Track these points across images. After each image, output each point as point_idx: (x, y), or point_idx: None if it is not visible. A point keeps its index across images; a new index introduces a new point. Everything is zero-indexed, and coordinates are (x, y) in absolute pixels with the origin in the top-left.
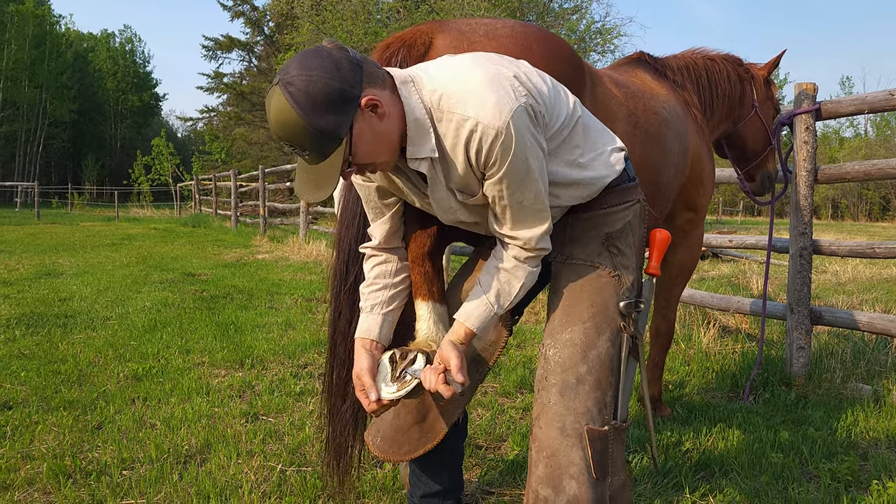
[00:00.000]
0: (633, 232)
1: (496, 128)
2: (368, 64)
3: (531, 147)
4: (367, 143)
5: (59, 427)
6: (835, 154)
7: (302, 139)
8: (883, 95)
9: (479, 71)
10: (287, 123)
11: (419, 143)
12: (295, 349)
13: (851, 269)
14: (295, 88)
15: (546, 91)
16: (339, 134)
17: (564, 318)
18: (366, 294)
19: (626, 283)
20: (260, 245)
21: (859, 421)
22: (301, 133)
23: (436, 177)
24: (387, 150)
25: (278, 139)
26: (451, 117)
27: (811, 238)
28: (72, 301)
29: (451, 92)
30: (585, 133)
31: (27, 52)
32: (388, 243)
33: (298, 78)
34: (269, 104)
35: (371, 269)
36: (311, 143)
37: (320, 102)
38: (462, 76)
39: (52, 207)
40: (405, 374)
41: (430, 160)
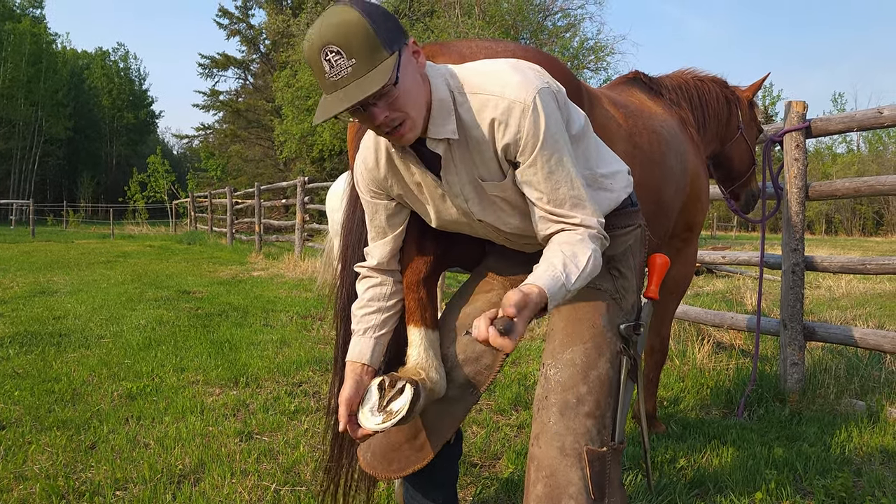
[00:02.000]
0: (634, 255)
1: (523, 101)
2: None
3: (560, 127)
4: (409, 80)
5: (53, 447)
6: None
7: (357, 40)
8: (872, 113)
9: (500, 61)
10: (345, 22)
11: (440, 123)
12: (290, 367)
13: (845, 283)
14: (360, 4)
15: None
16: (394, 45)
17: (565, 338)
18: (358, 316)
19: (626, 305)
20: (255, 262)
21: (853, 437)
22: (359, 32)
23: (451, 160)
24: (419, 103)
25: (326, 44)
26: (475, 98)
27: (803, 254)
28: (66, 319)
29: (473, 77)
30: (598, 148)
31: (23, 70)
32: (386, 265)
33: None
34: (329, 13)
35: (365, 290)
36: (365, 46)
37: (381, 17)
38: (483, 66)
39: (48, 225)
40: (392, 405)
41: (448, 142)
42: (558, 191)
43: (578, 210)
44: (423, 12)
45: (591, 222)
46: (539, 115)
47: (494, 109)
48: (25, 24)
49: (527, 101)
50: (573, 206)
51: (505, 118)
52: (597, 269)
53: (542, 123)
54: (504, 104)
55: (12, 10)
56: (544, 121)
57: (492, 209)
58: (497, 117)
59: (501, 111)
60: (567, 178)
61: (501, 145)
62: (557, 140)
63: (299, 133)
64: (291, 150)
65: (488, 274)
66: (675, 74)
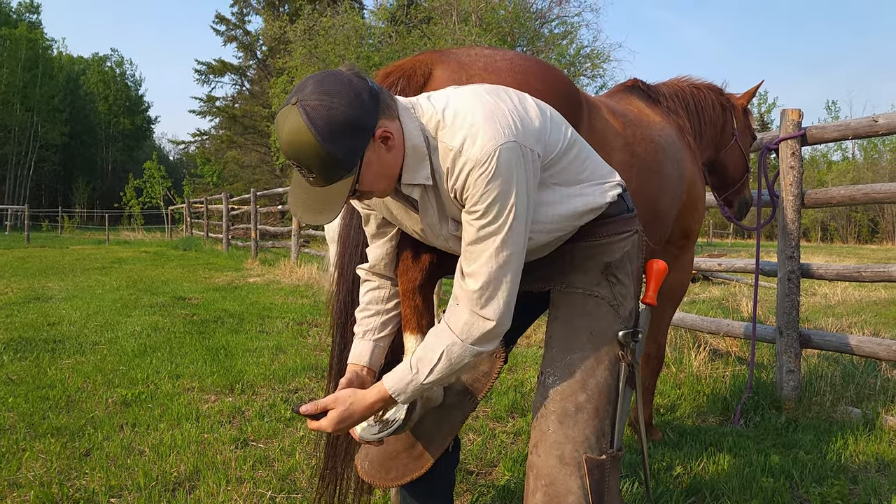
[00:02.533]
0: (632, 262)
1: (476, 160)
2: (384, 94)
3: (516, 186)
4: (373, 173)
5: (47, 454)
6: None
7: (312, 162)
8: (866, 122)
9: (478, 104)
10: (301, 144)
11: (414, 170)
12: (286, 374)
13: (841, 291)
14: (314, 111)
15: (540, 125)
16: (352, 162)
17: (563, 346)
18: (359, 319)
19: (624, 312)
20: (251, 268)
21: (849, 444)
22: (313, 156)
23: (428, 204)
24: (390, 179)
25: (287, 157)
26: (441, 146)
27: (799, 261)
28: (61, 325)
29: (447, 122)
30: (580, 162)
31: (19, 76)
32: (381, 269)
33: (318, 102)
34: (284, 124)
35: (365, 293)
36: (322, 167)
37: (338, 130)
38: (461, 108)
39: (43, 230)
40: (388, 415)
41: (423, 187)
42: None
43: (479, 293)
44: (420, 19)
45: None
46: (490, 173)
47: (453, 163)
48: (22, 30)
49: (481, 159)
50: (482, 272)
51: (458, 171)
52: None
53: (492, 183)
54: (462, 160)
55: (8, 16)
56: (496, 180)
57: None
58: (453, 170)
59: (459, 166)
60: (491, 254)
61: (457, 195)
62: (503, 209)
63: None
64: None
65: None
66: (671, 82)
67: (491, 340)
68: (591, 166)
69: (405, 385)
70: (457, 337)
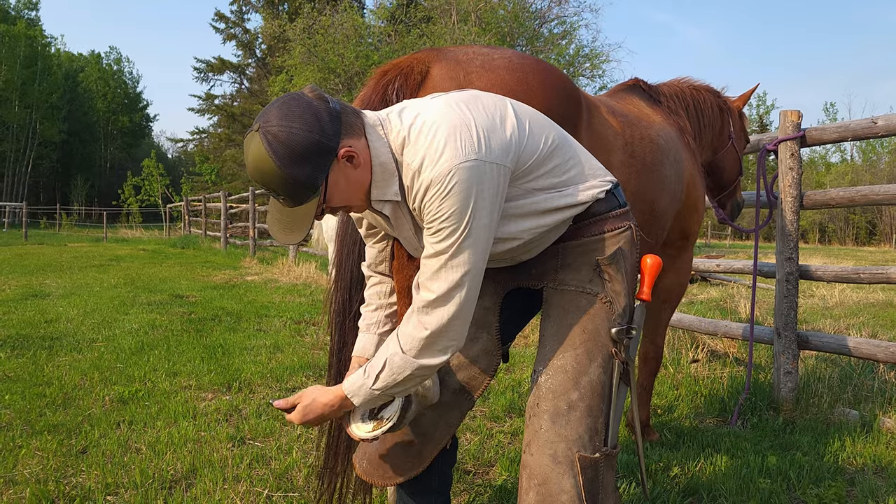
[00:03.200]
0: (625, 258)
1: (432, 179)
2: (347, 114)
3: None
4: (341, 191)
5: (43, 451)
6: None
7: (277, 186)
8: (866, 123)
9: (444, 119)
10: (264, 171)
11: (383, 187)
12: (283, 372)
13: (839, 293)
14: (274, 138)
15: (512, 135)
16: (315, 184)
17: (556, 344)
18: (363, 314)
19: (617, 308)
20: (249, 267)
21: (846, 446)
22: (277, 181)
23: (401, 218)
24: (360, 195)
25: (254, 181)
26: (404, 164)
27: (797, 263)
28: (58, 323)
29: (411, 139)
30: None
31: (18, 73)
32: (379, 268)
33: (278, 128)
34: (248, 150)
35: (369, 289)
36: (287, 190)
37: (298, 154)
38: (426, 124)
39: (41, 228)
40: (383, 412)
41: (394, 203)
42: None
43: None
44: (419, 18)
45: (427, 325)
46: (447, 193)
47: (412, 181)
48: (20, 27)
49: (436, 179)
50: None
51: (418, 188)
52: (395, 374)
53: (447, 201)
54: (421, 178)
55: (7, 12)
56: (452, 199)
57: None
58: (413, 187)
59: (419, 184)
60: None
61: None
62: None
63: None
64: None
65: None
66: (672, 83)
67: (433, 355)
68: (578, 168)
69: (358, 388)
70: (399, 348)
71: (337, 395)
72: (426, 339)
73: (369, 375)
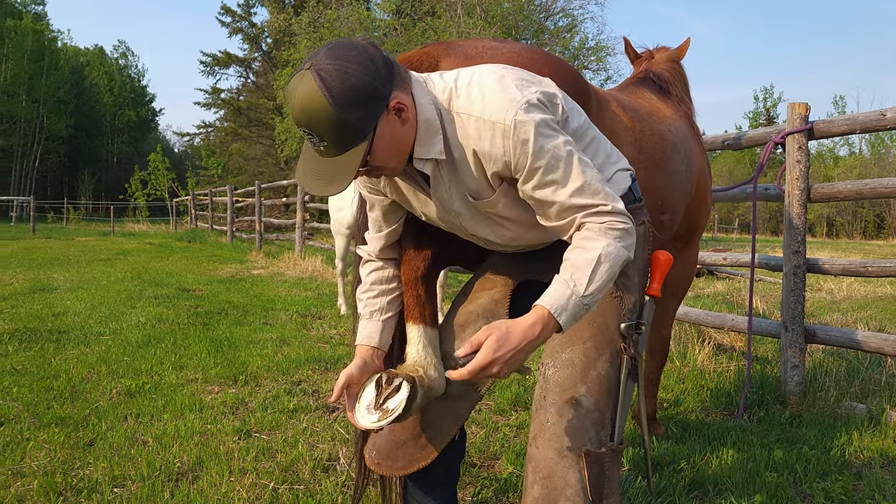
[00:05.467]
0: (637, 253)
1: (503, 122)
2: (398, 66)
3: (551, 132)
4: (385, 146)
5: (51, 444)
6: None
7: (325, 129)
8: (875, 115)
9: (489, 73)
10: (313, 111)
11: (427, 144)
12: (289, 366)
13: (846, 286)
14: (329, 77)
15: (558, 93)
16: (365, 130)
17: (564, 337)
18: (364, 300)
19: (627, 303)
20: (255, 260)
21: (853, 440)
22: (326, 123)
23: (440, 178)
24: (402, 154)
25: (298, 125)
26: (458, 119)
27: (805, 256)
28: (65, 316)
29: (460, 92)
30: (595, 145)
31: (25, 67)
32: (382, 254)
33: (333, 66)
34: (297, 89)
35: (368, 273)
36: (334, 134)
37: (352, 95)
38: (474, 78)
39: (48, 222)
40: (388, 403)
41: (436, 162)
42: (563, 192)
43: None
44: (424, 12)
45: (605, 208)
46: (522, 133)
47: (477, 132)
48: (27, 21)
49: (507, 121)
50: (582, 199)
51: (488, 142)
52: (615, 262)
53: (529, 139)
54: (486, 128)
55: (14, 7)
56: (532, 135)
57: (484, 223)
58: (480, 141)
59: (484, 135)
60: (570, 177)
61: (490, 169)
62: (549, 147)
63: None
64: (292, 149)
65: (489, 271)
66: (668, 66)
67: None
68: (605, 150)
69: (566, 301)
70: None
71: (539, 316)
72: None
73: (577, 283)
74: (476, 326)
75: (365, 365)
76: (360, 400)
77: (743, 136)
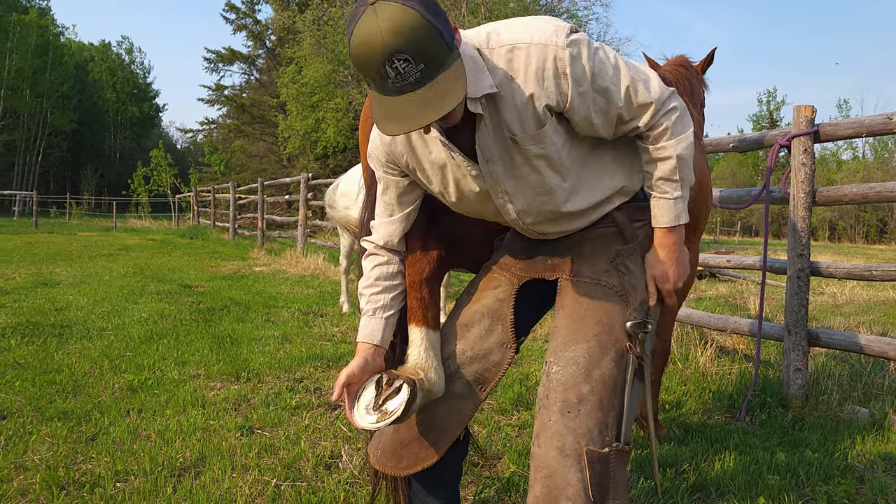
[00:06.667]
0: (644, 252)
1: (556, 43)
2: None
3: (597, 45)
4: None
5: (53, 438)
6: (832, 176)
7: (423, 43)
8: (881, 119)
9: (523, 17)
10: (409, 27)
11: (475, 82)
12: (291, 363)
13: (849, 290)
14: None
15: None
16: (454, 46)
17: (569, 335)
18: (367, 295)
19: (633, 302)
20: (257, 257)
21: (856, 444)
22: (424, 35)
23: (485, 122)
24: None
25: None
26: (503, 49)
27: (809, 259)
28: (68, 311)
29: (500, 29)
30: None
31: (29, 62)
32: (390, 245)
33: None
34: (373, 22)
35: (372, 268)
36: (433, 48)
37: (434, 7)
38: (510, 21)
39: (51, 217)
40: (387, 404)
41: (484, 102)
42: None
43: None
44: None
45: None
46: (575, 47)
47: (527, 59)
48: (32, 16)
49: (558, 41)
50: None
51: (542, 63)
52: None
53: (582, 52)
54: (537, 52)
55: (19, 1)
56: (584, 48)
57: (521, 176)
58: (531, 67)
59: (537, 59)
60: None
61: (541, 99)
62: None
63: (303, 129)
64: (295, 147)
65: (494, 269)
66: (672, 69)
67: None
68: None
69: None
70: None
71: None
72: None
73: (671, 191)
74: (481, 326)
75: (366, 364)
76: (359, 399)
77: (748, 138)
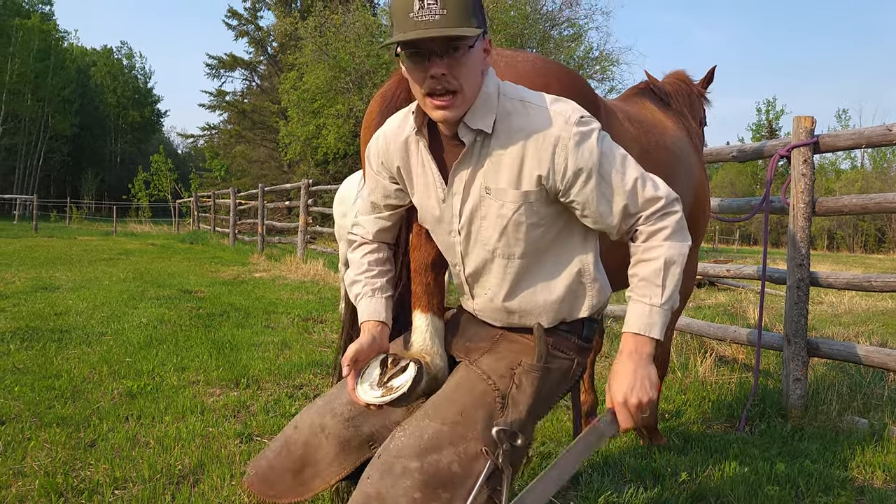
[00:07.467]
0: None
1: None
2: None
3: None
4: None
5: (52, 444)
6: (831, 185)
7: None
8: (881, 130)
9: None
10: None
11: (480, 115)
12: (291, 369)
13: (847, 300)
14: None
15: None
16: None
17: (430, 410)
18: (363, 280)
19: (508, 416)
20: (257, 263)
21: (856, 455)
22: None
23: (471, 156)
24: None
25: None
26: (520, 104)
27: (808, 269)
28: (67, 316)
29: (520, 88)
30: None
31: (31, 66)
32: (377, 238)
33: None
34: None
35: (363, 256)
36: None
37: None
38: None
39: (51, 221)
40: (393, 381)
41: (476, 137)
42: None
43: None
44: None
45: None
46: (586, 128)
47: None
48: (35, 20)
49: (572, 118)
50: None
51: (546, 130)
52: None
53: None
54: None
55: (21, 6)
56: (595, 135)
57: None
58: (541, 131)
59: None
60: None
61: (536, 156)
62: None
63: (304, 135)
64: (296, 153)
65: None
66: (672, 81)
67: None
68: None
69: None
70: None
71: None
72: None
73: (651, 296)
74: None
75: (374, 341)
76: (363, 377)
77: (748, 148)
